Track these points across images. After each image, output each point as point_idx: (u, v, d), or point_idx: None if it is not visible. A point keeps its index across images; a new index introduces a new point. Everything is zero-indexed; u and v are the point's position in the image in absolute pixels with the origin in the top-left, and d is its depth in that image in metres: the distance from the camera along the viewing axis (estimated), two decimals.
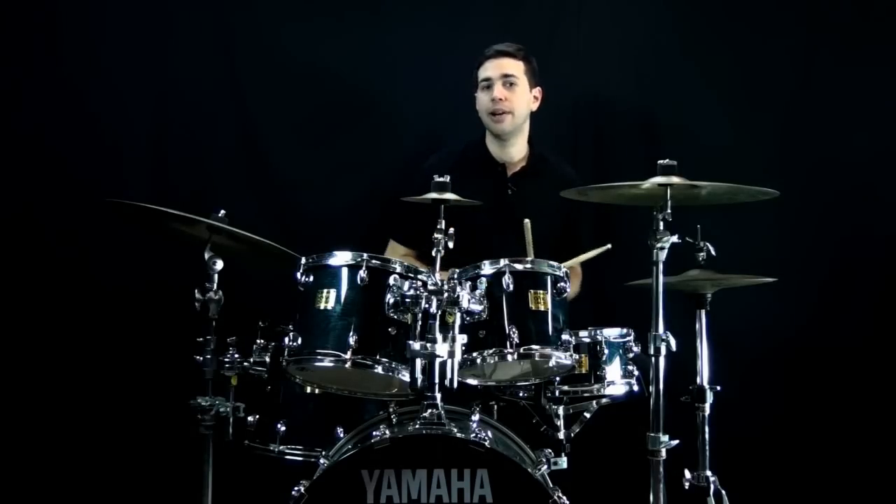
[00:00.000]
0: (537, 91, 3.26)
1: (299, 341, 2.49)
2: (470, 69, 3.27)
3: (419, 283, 2.42)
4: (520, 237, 2.95)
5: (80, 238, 3.52)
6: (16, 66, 3.56)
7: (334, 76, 3.64)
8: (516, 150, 3.27)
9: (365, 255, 2.49)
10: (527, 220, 2.92)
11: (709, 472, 2.70)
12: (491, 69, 3.19)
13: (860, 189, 3.58)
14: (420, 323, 2.38)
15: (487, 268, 2.51)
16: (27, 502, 3.46)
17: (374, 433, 2.42)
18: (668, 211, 2.42)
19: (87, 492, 3.46)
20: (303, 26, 3.65)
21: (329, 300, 2.48)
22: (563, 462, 2.67)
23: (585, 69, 3.66)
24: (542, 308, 2.50)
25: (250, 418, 2.72)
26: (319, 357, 2.47)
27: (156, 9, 3.62)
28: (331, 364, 2.45)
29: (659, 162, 2.46)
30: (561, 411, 2.71)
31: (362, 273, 2.45)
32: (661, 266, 2.44)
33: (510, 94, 3.17)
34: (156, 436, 3.41)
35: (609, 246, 3.03)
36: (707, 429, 2.72)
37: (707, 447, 2.72)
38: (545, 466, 2.54)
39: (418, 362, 2.32)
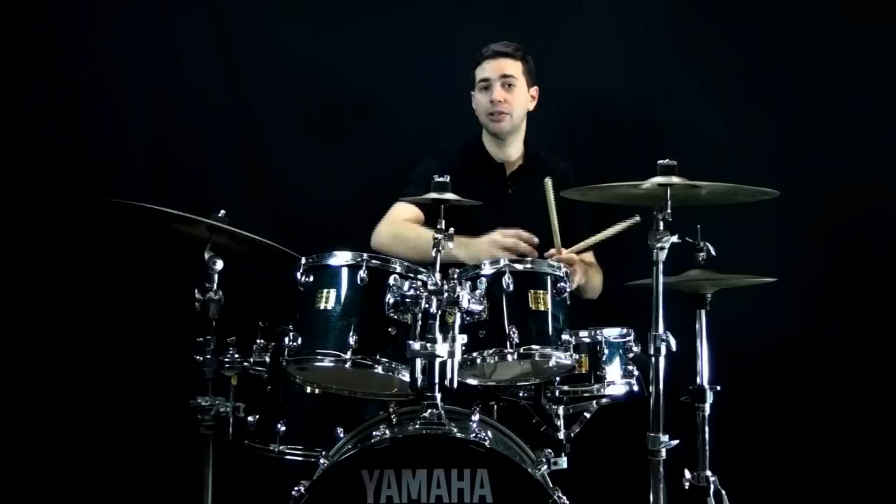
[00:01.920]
0: (534, 90, 3.26)
1: (299, 341, 2.49)
2: (469, 69, 3.27)
3: (419, 283, 2.42)
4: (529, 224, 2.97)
5: (80, 238, 3.52)
6: (16, 66, 3.56)
7: (334, 76, 3.64)
8: (514, 150, 3.27)
9: (365, 255, 2.50)
10: (547, 179, 2.90)
11: (709, 472, 2.70)
12: (489, 70, 3.18)
13: (860, 189, 3.58)
14: (420, 323, 2.37)
15: (487, 268, 2.51)
16: (27, 502, 3.46)
17: (374, 433, 2.41)
18: (668, 211, 2.42)
19: (88, 492, 3.46)
20: (303, 26, 3.66)
21: (329, 300, 2.48)
22: (563, 462, 2.67)
23: (585, 69, 3.66)
24: (542, 308, 2.50)
25: (250, 418, 2.72)
26: (319, 357, 2.47)
27: (156, 9, 3.62)
28: (331, 364, 2.45)
29: (659, 162, 2.45)
30: (561, 411, 2.71)
31: (362, 273, 2.45)
32: (661, 266, 2.44)
33: (509, 95, 3.17)
34: (156, 436, 3.41)
35: (638, 218, 2.85)
36: (707, 429, 2.72)
37: (707, 447, 2.71)
38: (545, 466, 2.54)
39: (418, 362, 2.31)
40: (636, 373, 2.74)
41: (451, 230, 2.39)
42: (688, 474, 2.69)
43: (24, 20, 3.57)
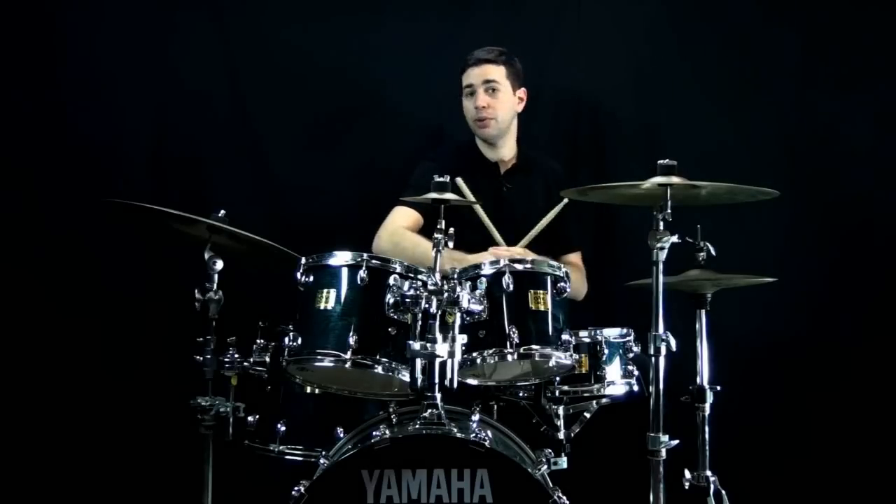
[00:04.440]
0: (522, 92, 3.27)
1: (299, 341, 2.49)
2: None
3: (419, 283, 2.42)
4: (525, 233, 2.99)
5: (80, 238, 3.52)
6: (16, 66, 3.56)
7: (334, 76, 3.64)
8: (506, 150, 3.30)
9: (365, 255, 2.50)
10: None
11: (709, 472, 2.70)
12: (472, 76, 3.21)
13: (860, 189, 3.58)
14: (420, 323, 2.37)
15: (487, 268, 2.51)
16: (27, 502, 3.46)
17: (374, 433, 2.42)
18: (668, 211, 2.42)
19: (88, 492, 3.46)
20: (303, 26, 3.65)
21: (329, 300, 2.48)
22: (563, 462, 2.67)
23: (585, 69, 3.66)
24: (542, 308, 2.50)
25: (250, 418, 2.72)
26: (319, 357, 2.47)
27: (156, 9, 3.62)
28: (331, 364, 2.45)
29: (659, 162, 2.46)
30: (561, 411, 2.71)
31: (362, 273, 2.45)
32: (661, 266, 2.44)
33: (493, 100, 3.19)
34: (156, 436, 3.41)
35: (566, 200, 2.97)
36: (707, 429, 2.72)
37: (707, 447, 2.72)
38: (545, 466, 2.54)
39: (418, 362, 2.31)
40: (636, 373, 2.75)
41: (452, 230, 2.39)
42: (688, 474, 2.69)
43: (24, 20, 3.57)
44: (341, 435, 2.64)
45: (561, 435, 2.71)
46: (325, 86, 3.65)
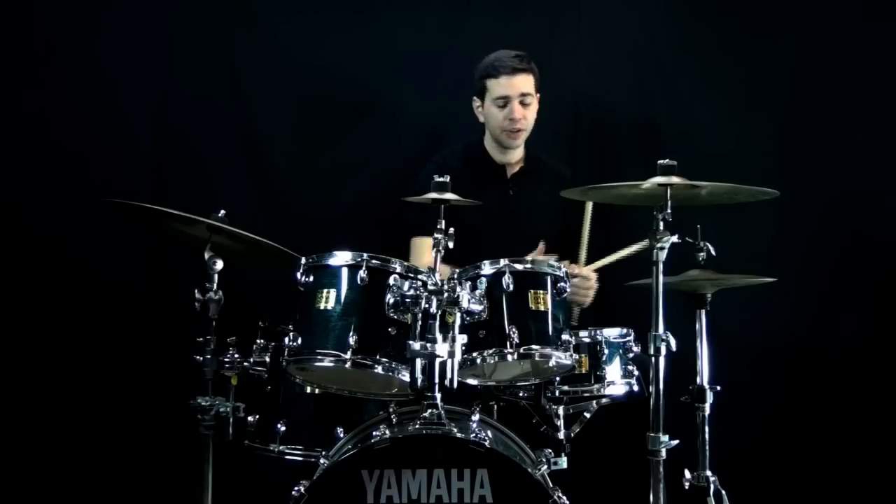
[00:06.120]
0: (538, 97, 3.27)
1: (299, 341, 2.49)
2: (470, 69, 3.26)
3: (419, 283, 2.42)
4: (528, 238, 2.99)
5: (80, 238, 3.51)
6: (16, 66, 3.56)
7: (335, 75, 3.64)
8: (515, 154, 3.30)
9: (365, 255, 2.49)
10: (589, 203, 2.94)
11: (709, 472, 2.70)
12: (508, 87, 3.16)
13: (860, 189, 3.58)
14: (420, 323, 2.37)
15: (487, 268, 2.51)
16: (27, 502, 3.46)
17: (374, 433, 2.42)
18: (668, 211, 2.42)
19: (88, 492, 3.46)
20: (303, 25, 3.65)
21: (329, 300, 2.48)
22: (563, 462, 2.67)
23: (585, 69, 3.66)
24: (542, 308, 2.50)
25: (250, 418, 2.71)
26: (319, 357, 2.47)
27: (156, 8, 3.62)
28: (331, 364, 2.45)
29: (659, 162, 2.46)
30: (561, 411, 2.71)
31: (362, 273, 2.45)
32: (661, 266, 2.44)
33: (527, 112, 3.19)
34: (156, 436, 3.41)
35: (647, 242, 2.81)
36: (707, 429, 2.72)
37: (707, 447, 2.72)
38: (545, 466, 2.54)
39: (418, 362, 2.31)
40: (636, 373, 2.75)
41: (452, 230, 2.39)
42: (688, 474, 2.69)
43: (25, 20, 3.57)
44: (341, 435, 2.64)
45: (561, 435, 2.71)
46: (326, 85, 3.65)
